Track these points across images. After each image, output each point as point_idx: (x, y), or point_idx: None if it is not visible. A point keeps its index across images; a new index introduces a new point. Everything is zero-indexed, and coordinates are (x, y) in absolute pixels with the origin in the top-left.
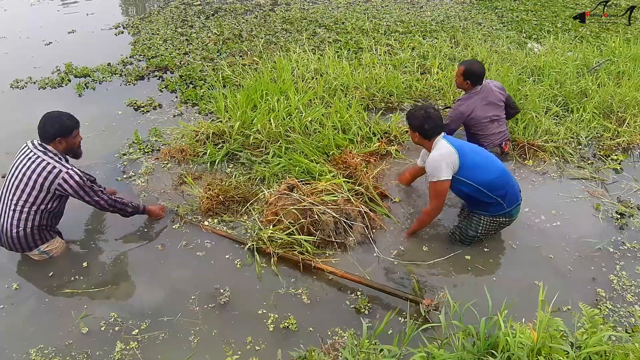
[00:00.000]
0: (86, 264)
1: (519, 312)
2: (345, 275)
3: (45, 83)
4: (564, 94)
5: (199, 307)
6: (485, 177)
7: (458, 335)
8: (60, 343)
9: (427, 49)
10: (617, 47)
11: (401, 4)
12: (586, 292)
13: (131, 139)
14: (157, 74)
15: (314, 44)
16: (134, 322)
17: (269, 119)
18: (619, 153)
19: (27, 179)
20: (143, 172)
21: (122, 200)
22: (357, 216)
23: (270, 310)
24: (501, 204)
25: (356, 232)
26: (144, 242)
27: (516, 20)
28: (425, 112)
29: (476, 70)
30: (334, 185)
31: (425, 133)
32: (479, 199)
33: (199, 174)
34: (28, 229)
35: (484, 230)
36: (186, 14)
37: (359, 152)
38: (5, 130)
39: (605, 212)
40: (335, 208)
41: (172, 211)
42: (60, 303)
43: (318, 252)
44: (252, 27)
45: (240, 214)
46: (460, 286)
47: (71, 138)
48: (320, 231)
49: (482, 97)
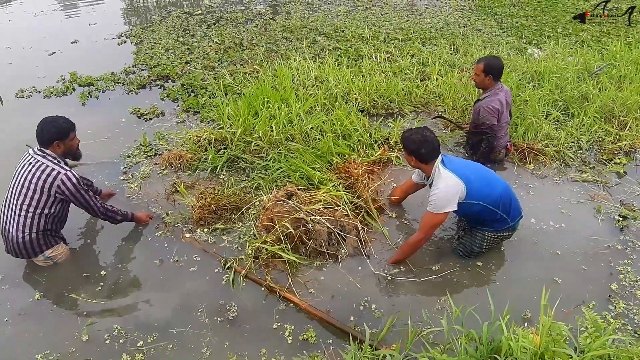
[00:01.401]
0: (87, 274)
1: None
2: (308, 309)
3: (50, 92)
4: (565, 98)
5: (208, 319)
6: (492, 194)
7: (460, 340)
8: (64, 351)
9: (426, 56)
10: (618, 51)
11: (401, 11)
12: (588, 293)
13: (138, 141)
14: (159, 82)
15: (314, 52)
16: (139, 335)
17: (270, 125)
18: (622, 156)
19: (29, 183)
20: (140, 177)
21: (112, 209)
22: (352, 229)
23: (284, 321)
24: (506, 219)
25: (349, 245)
26: (141, 254)
27: (516, 26)
28: (422, 135)
29: (497, 64)
30: (334, 197)
31: (422, 157)
32: (485, 217)
33: (192, 182)
34: (33, 234)
35: (488, 245)
36: (188, 23)
37: (363, 161)
38: (13, 139)
39: (607, 215)
40: (330, 219)
41: (160, 218)
42: (64, 313)
43: (306, 261)
44: (252, 35)
45: (233, 220)
46: (462, 290)
47: (68, 141)
48: (313, 240)
49: (504, 96)
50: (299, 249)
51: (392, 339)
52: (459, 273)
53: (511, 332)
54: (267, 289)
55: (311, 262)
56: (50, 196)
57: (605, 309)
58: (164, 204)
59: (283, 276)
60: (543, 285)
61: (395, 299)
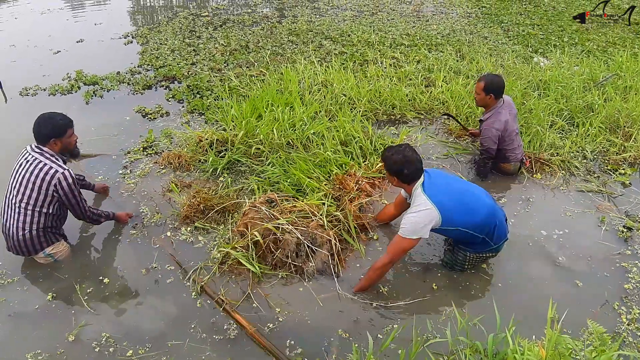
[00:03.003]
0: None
1: (530, 328)
2: (254, 335)
3: (55, 90)
4: (570, 108)
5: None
6: (472, 220)
7: (465, 351)
8: (53, 352)
9: (432, 62)
10: (624, 62)
11: (407, 17)
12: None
13: (143, 137)
14: (165, 83)
15: (319, 55)
16: (128, 344)
17: (272, 129)
18: (626, 167)
19: (27, 181)
20: (139, 174)
21: (97, 212)
22: (324, 243)
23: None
24: (488, 242)
25: (319, 259)
26: (131, 259)
27: (522, 35)
28: (404, 156)
29: (498, 82)
30: (313, 206)
31: (404, 179)
32: (467, 240)
33: (190, 181)
34: (34, 231)
35: (470, 265)
36: (194, 25)
37: (364, 174)
38: (16, 137)
39: (610, 225)
40: (302, 229)
41: (140, 218)
42: (56, 314)
43: (270, 272)
44: (258, 38)
45: (217, 222)
46: (466, 300)
47: (66, 138)
48: (280, 250)
49: (508, 111)
50: (267, 258)
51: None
52: (430, 301)
53: (516, 344)
54: (217, 303)
55: (276, 273)
56: (48, 195)
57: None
58: (158, 202)
59: (246, 284)
60: (551, 296)
61: (351, 323)
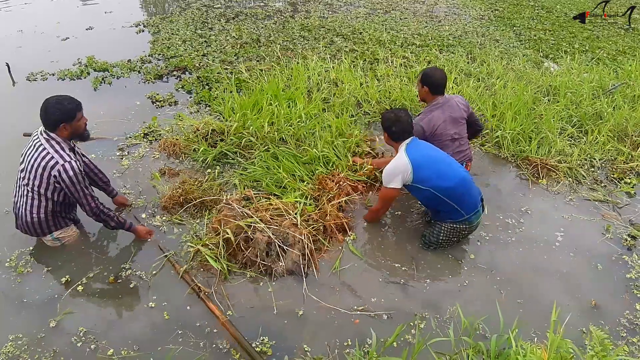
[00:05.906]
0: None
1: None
2: (225, 325)
3: (64, 74)
4: (579, 115)
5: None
6: (442, 185)
7: (468, 352)
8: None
9: (443, 63)
10: (633, 71)
11: (420, 17)
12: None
13: (147, 123)
14: (176, 73)
15: (330, 52)
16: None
17: (265, 122)
18: (633, 177)
19: (31, 167)
20: (134, 157)
21: (108, 212)
22: (295, 242)
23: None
24: (459, 211)
25: (289, 259)
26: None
27: (534, 39)
28: (396, 115)
29: (434, 76)
30: (288, 204)
31: (392, 135)
32: (437, 207)
33: (179, 170)
34: (42, 214)
35: (445, 237)
36: (207, 16)
37: (350, 176)
38: (23, 122)
39: (615, 233)
40: (275, 228)
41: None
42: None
43: (238, 271)
44: (270, 32)
45: (194, 217)
46: (469, 300)
47: (75, 122)
48: (251, 249)
49: (444, 112)
50: (237, 256)
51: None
52: (430, 301)
53: (519, 346)
54: (193, 290)
55: (244, 272)
56: (49, 184)
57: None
58: (144, 187)
59: (212, 282)
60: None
61: (309, 327)
